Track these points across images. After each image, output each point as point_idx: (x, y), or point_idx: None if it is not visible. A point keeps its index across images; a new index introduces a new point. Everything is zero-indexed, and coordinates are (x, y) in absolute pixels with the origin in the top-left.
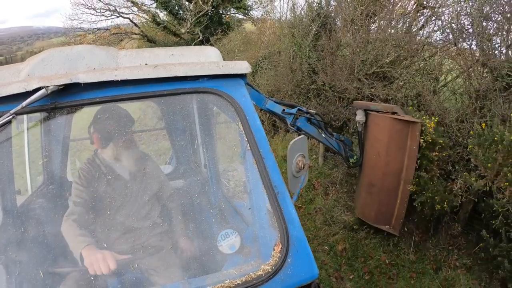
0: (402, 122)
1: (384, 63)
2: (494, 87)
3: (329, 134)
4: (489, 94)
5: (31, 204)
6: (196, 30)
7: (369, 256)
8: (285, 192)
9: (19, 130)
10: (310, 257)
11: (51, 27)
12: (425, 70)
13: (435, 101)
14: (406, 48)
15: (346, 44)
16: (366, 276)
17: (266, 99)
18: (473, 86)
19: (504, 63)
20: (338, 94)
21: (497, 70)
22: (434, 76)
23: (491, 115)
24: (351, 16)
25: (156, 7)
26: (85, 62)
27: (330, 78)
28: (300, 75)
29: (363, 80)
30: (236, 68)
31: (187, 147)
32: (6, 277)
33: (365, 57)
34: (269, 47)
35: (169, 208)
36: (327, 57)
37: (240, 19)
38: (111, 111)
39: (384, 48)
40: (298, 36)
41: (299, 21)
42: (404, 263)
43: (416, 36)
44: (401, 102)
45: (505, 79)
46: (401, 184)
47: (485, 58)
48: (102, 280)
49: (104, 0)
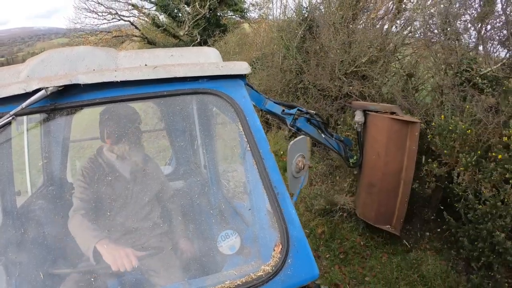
0: (400, 123)
1: (361, 63)
2: (455, 82)
3: (328, 135)
4: (451, 88)
5: (31, 205)
6: (195, 32)
7: (345, 238)
8: (285, 192)
9: (19, 131)
10: (310, 257)
11: (52, 28)
12: (398, 69)
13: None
14: (379, 48)
15: (327, 46)
16: (341, 255)
17: (265, 100)
18: (437, 82)
19: (464, 60)
20: (321, 92)
21: (456, 67)
22: (406, 74)
23: (450, 107)
24: (332, 20)
25: (156, 10)
26: (85, 63)
27: (314, 78)
28: (289, 75)
29: (342, 79)
30: (236, 68)
31: (187, 148)
32: (6, 278)
33: (344, 57)
34: (262, 49)
35: (169, 209)
36: (312, 58)
37: (237, 21)
38: (122, 108)
39: (361, 49)
40: (286, 39)
41: (287, 24)
42: (378, 245)
43: (390, 38)
44: (375, 98)
45: (463, 75)
46: (401, 184)
47: (447, 56)
48: (102, 281)
49: (105, 3)
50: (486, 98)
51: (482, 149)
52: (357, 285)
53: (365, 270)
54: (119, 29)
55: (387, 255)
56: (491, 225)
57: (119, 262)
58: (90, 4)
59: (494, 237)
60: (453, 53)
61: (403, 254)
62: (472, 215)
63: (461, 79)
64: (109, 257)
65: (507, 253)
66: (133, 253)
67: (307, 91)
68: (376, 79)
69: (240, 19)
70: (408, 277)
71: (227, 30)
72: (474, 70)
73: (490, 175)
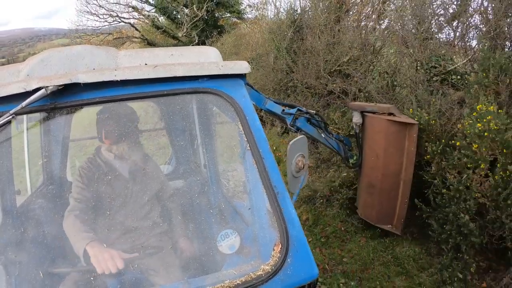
0: (398, 124)
1: (343, 62)
2: (424, 78)
3: (328, 134)
4: (421, 84)
5: (31, 204)
6: (193, 33)
7: (328, 224)
8: (285, 192)
9: (19, 130)
10: (310, 257)
11: (52, 29)
12: (375, 67)
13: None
14: (359, 48)
15: (312, 47)
16: (322, 239)
17: (265, 99)
18: (410, 78)
19: (432, 57)
20: (309, 90)
21: (425, 64)
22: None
23: (416, 100)
24: (318, 22)
25: (156, 12)
26: (85, 62)
27: (302, 76)
28: (280, 75)
29: (327, 77)
30: (236, 68)
31: (186, 147)
32: (6, 277)
33: (328, 57)
34: (257, 49)
35: (169, 208)
36: (300, 58)
37: (234, 22)
38: (121, 108)
39: (343, 49)
40: (276, 40)
41: (277, 27)
42: (357, 230)
43: (368, 38)
44: (357, 94)
45: (432, 71)
46: (400, 184)
47: (418, 55)
48: (102, 280)
49: (106, 6)
50: (455, 92)
51: (447, 138)
52: (335, 265)
53: (344, 252)
54: (120, 31)
55: (365, 239)
56: (456, 208)
57: (103, 264)
58: (91, 7)
59: (459, 219)
60: (424, 51)
61: (380, 238)
62: (439, 200)
63: (430, 75)
64: (94, 259)
65: (472, 235)
66: (119, 255)
67: (296, 89)
68: (356, 77)
69: (237, 20)
70: (382, 258)
71: (224, 31)
72: (442, 66)
73: (454, 162)
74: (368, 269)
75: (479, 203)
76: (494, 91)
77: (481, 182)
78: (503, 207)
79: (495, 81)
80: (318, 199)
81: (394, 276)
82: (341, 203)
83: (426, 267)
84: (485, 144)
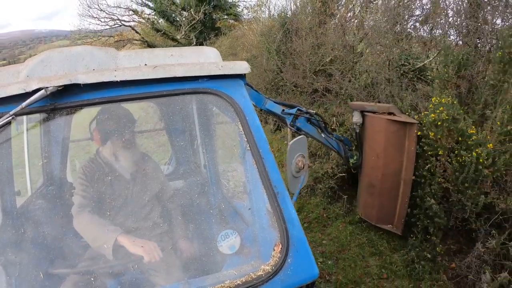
0: (398, 124)
1: (325, 62)
2: (396, 75)
3: (328, 134)
4: (393, 81)
5: (31, 205)
6: (191, 35)
7: (311, 211)
8: (285, 192)
9: (19, 131)
10: (310, 257)
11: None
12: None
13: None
14: (339, 49)
15: (299, 49)
16: (305, 224)
17: (265, 99)
18: (384, 76)
19: (402, 56)
20: (297, 88)
21: (395, 62)
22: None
23: (392, 96)
24: (304, 25)
25: (155, 15)
26: (85, 62)
27: (290, 76)
28: (270, 75)
29: (312, 77)
30: (236, 68)
31: (186, 147)
32: (6, 278)
33: (313, 58)
34: (251, 51)
35: (169, 209)
36: (288, 59)
37: (232, 24)
38: (114, 109)
39: (325, 50)
40: (267, 42)
41: (268, 30)
42: (338, 216)
43: (347, 41)
44: (339, 92)
45: (401, 68)
46: (401, 184)
47: (388, 54)
48: (101, 281)
49: (107, 10)
50: (424, 87)
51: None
52: (315, 246)
53: (324, 235)
54: (121, 33)
55: (345, 224)
56: (422, 192)
57: (149, 252)
58: (93, 11)
59: (425, 203)
60: (395, 51)
61: (358, 223)
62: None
63: (400, 72)
64: (139, 248)
65: (437, 217)
66: (157, 246)
67: (286, 88)
68: (337, 76)
69: (235, 21)
70: (358, 240)
71: (222, 33)
72: (411, 64)
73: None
74: (345, 250)
75: (443, 187)
76: (455, 85)
77: (445, 168)
78: (463, 190)
79: (455, 75)
80: (303, 188)
81: (368, 256)
82: (324, 192)
83: (398, 248)
84: (441, 132)
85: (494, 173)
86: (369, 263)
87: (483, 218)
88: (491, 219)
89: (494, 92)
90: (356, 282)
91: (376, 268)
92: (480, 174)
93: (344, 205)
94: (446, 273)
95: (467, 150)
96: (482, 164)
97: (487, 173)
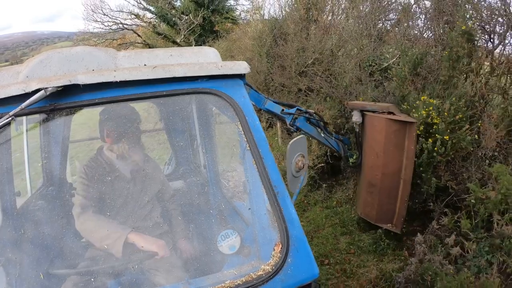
0: (398, 123)
1: (308, 64)
2: (364, 74)
3: (328, 134)
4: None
5: (31, 206)
6: (191, 38)
7: None
8: (285, 192)
9: (18, 131)
10: (310, 257)
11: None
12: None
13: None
14: (319, 52)
15: (285, 52)
16: None
17: (265, 99)
18: (356, 76)
19: (369, 57)
20: (284, 88)
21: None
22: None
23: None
24: (289, 30)
25: (156, 19)
26: (84, 63)
27: (278, 77)
28: (262, 76)
29: (297, 77)
30: (235, 68)
31: (186, 147)
32: (7, 279)
33: (298, 61)
34: (245, 53)
35: (169, 209)
36: (276, 61)
37: (230, 27)
38: (123, 108)
39: (307, 54)
40: (258, 47)
41: (259, 35)
42: (316, 202)
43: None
44: (320, 91)
45: (368, 69)
46: (400, 184)
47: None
48: (101, 281)
49: (110, 14)
50: (389, 84)
51: None
52: None
53: (303, 218)
54: (123, 36)
55: (322, 208)
56: None
57: (162, 249)
58: (97, 16)
59: None
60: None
61: (333, 208)
62: None
63: (368, 72)
64: (152, 245)
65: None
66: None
67: (276, 89)
68: (319, 76)
69: (233, 25)
70: (332, 221)
71: (220, 36)
72: (377, 64)
73: None
74: (320, 230)
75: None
76: (412, 82)
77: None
78: (420, 174)
79: (410, 74)
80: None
81: (339, 235)
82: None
83: (367, 229)
84: None
85: (445, 158)
86: (339, 241)
87: (439, 199)
88: (446, 200)
89: (446, 87)
90: (326, 255)
91: (345, 244)
92: (434, 159)
93: (324, 193)
94: (409, 250)
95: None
96: (436, 152)
97: (440, 159)
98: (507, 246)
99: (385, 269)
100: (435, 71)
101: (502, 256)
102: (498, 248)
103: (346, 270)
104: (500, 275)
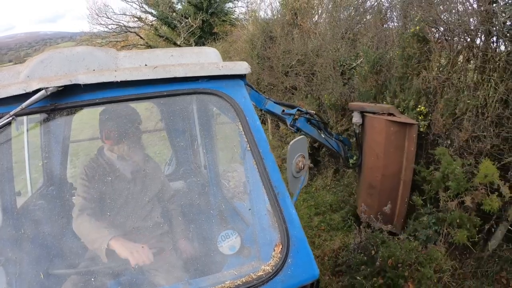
0: (398, 124)
1: (292, 65)
2: (335, 73)
3: (328, 135)
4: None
5: (31, 205)
6: (191, 40)
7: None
8: (285, 192)
9: (19, 131)
10: (310, 257)
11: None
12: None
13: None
14: (301, 54)
15: (273, 54)
16: None
17: (265, 100)
18: (329, 75)
19: (341, 58)
20: (273, 87)
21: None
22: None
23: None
24: (278, 34)
25: (157, 21)
26: (85, 63)
27: (267, 77)
28: (254, 76)
29: (283, 77)
30: (236, 69)
31: (187, 148)
32: (7, 278)
33: (284, 62)
34: (240, 55)
35: (169, 209)
36: (266, 62)
37: (229, 29)
38: (123, 109)
39: (292, 55)
40: (250, 48)
41: (250, 38)
42: (308, 189)
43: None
44: (302, 89)
45: (340, 68)
46: (400, 185)
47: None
48: (101, 281)
49: (113, 17)
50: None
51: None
52: None
53: None
54: (126, 39)
55: (301, 193)
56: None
57: (136, 256)
58: (101, 19)
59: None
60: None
61: (311, 192)
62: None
63: (339, 71)
64: (126, 252)
65: None
66: (148, 249)
67: (266, 87)
68: (301, 76)
69: (231, 27)
70: (308, 203)
71: (218, 38)
72: (347, 64)
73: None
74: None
75: None
76: (375, 79)
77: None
78: None
79: (372, 71)
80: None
81: (313, 215)
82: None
83: (339, 210)
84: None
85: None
86: (313, 220)
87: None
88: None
89: (402, 83)
90: None
91: (317, 222)
92: None
93: (316, 179)
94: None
95: None
96: None
97: None
98: (449, 219)
99: (347, 241)
100: (394, 69)
101: (448, 228)
102: (443, 220)
103: (315, 242)
104: (447, 245)
